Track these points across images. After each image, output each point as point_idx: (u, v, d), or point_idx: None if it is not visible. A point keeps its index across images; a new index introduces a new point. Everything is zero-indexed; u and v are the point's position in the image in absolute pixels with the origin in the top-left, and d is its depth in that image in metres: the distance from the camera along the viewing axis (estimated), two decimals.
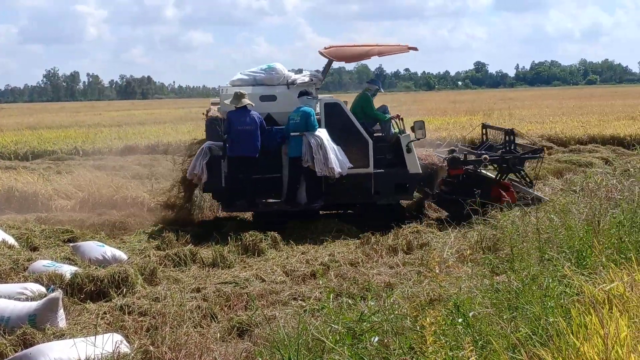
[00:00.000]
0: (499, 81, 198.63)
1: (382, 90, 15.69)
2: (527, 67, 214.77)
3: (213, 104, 14.91)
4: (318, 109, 14.11)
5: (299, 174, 13.84)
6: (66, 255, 11.17)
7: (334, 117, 14.01)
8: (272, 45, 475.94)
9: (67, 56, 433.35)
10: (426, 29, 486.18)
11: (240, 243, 12.17)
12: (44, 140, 33.48)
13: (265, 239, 12.34)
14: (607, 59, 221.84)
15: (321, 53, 14.77)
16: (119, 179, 18.50)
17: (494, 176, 14.96)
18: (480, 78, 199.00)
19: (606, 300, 6.09)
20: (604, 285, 6.29)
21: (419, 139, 14.53)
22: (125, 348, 6.97)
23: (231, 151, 13.70)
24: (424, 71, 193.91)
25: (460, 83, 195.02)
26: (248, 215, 15.17)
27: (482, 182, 14.24)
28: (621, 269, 7.02)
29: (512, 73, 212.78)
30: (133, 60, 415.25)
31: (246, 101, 13.71)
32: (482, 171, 15.13)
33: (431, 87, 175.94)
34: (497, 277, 7.53)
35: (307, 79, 14.47)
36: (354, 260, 11.27)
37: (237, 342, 7.70)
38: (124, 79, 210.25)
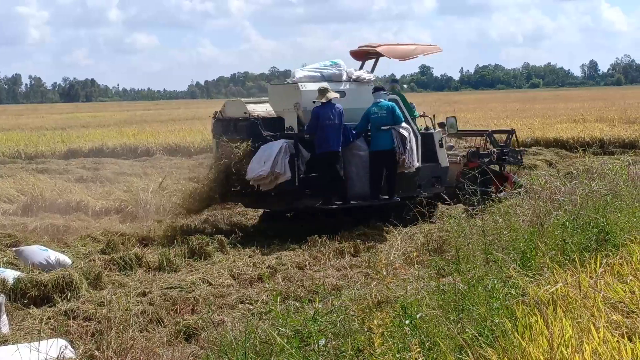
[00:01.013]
0: (444, 84, 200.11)
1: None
2: (472, 70, 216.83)
3: (248, 102, 14.43)
4: None
5: (383, 167, 13.85)
6: (9, 260, 10.99)
7: None
8: (217, 48, 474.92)
9: (8, 58, 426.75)
10: (372, 32, 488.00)
11: (186, 246, 12.08)
12: None
13: (211, 242, 12.28)
14: (550, 63, 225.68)
15: (371, 51, 15.16)
16: (62, 183, 18.30)
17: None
18: (425, 81, 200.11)
19: (551, 301, 6.17)
20: (549, 286, 6.37)
21: (450, 134, 15.45)
22: (70, 353, 6.89)
23: (319, 147, 13.45)
24: None
25: (405, 86, 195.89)
26: (195, 218, 15.03)
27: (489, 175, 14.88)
28: (565, 270, 7.12)
29: (456, 76, 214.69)
30: (76, 63, 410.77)
31: (333, 94, 13.47)
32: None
33: None
34: (444, 279, 7.57)
35: (372, 76, 14.80)
36: (301, 263, 11.28)
37: (183, 347, 7.67)
38: (67, 82, 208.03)
